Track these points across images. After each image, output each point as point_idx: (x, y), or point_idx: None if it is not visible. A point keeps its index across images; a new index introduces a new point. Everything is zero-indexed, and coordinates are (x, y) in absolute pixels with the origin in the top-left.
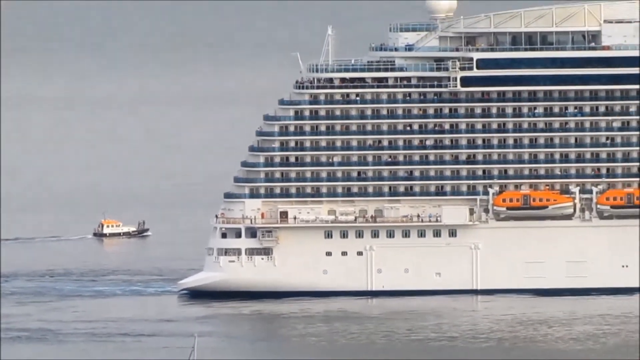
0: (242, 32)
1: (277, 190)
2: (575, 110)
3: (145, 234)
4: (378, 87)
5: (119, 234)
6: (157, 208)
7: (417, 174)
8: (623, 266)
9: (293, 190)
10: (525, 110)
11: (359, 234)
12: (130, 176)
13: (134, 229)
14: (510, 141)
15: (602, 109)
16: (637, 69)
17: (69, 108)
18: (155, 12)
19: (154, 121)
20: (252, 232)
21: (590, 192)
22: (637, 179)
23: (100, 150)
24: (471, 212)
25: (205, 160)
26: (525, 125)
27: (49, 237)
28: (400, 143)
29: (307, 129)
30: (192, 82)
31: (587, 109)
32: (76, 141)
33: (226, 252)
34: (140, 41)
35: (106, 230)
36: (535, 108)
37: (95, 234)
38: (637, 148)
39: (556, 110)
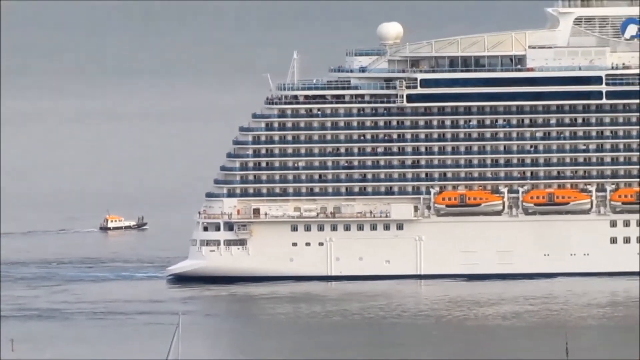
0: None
1: (251, 191)
2: (504, 122)
3: (143, 227)
4: (336, 102)
5: (121, 228)
6: (152, 206)
7: (369, 176)
8: (545, 255)
9: (264, 191)
10: (461, 122)
11: (320, 228)
12: (128, 180)
13: (134, 223)
14: (449, 149)
15: (526, 122)
16: (557, 87)
17: (75, 121)
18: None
19: (146, 133)
20: (229, 226)
21: (517, 192)
22: (557, 181)
23: (101, 158)
24: (415, 209)
25: (190, 166)
26: (462, 135)
27: (60, 230)
28: (355, 150)
29: (276, 138)
30: (177, 101)
31: (514, 122)
32: (80, 150)
33: (207, 243)
34: (133, 67)
35: (110, 225)
36: (470, 121)
37: (101, 228)
38: (557, 154)
39: (487, 122)
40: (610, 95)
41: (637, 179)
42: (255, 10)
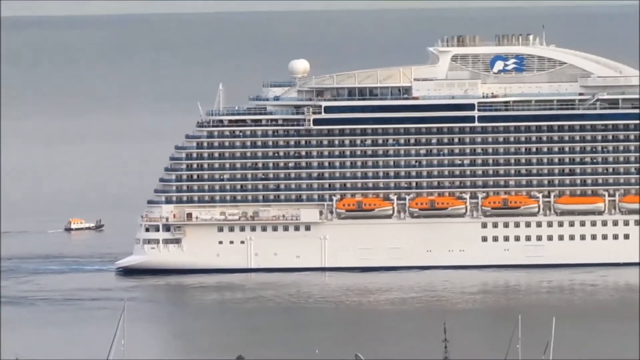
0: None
1: (184, 198)
2: (394, 142)
3: (100, 228)
4: (255, 125)
5: (82, 229)
6: (108, 211)
7: (282, 186)
8: (427, 251)
9: (195, 198)
10: (358, 141)
11: (242, 229)
12: (87, 189)
13: (93, 225)
14: (348, 163)
15: (412, 141)
16: (437, 112)
17: (39, 142)
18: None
19: (100, 151)
20: (167, 227)
21: (404, 199)
22: (437, 189)
23: (63, 171)
24: (320, 213)
25: (135, 178)
26: (358, 152)
27: (32, 231)
28: (270, 164)
29: (205, 155)
30: (124, 124)
31: (401, 141)
32: (45, 164)
33: (149, 241)
34: (91, 94)
35: (73, 226)
36: (365, 140)
37: (65, 229)
38: (437, 167)
39: (380, 141)
40: (481, 119)
41: (504, 188)
42: (189, 50)
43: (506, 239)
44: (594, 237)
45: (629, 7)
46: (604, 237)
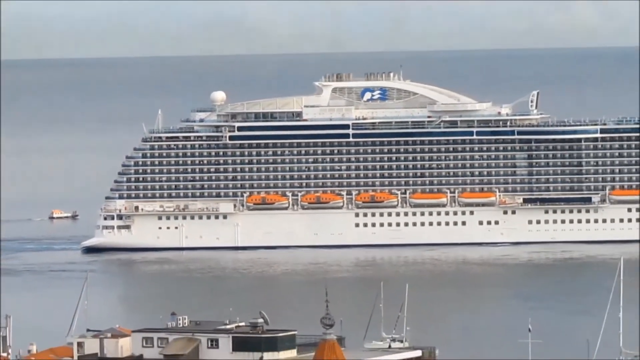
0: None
1: (133, 195)
2: (289, 153)
3: (76, 217)
4: (185, 140)
5: (62, 217)
6: (80, 204)
7: (205, 185)
8: (314, 234)
9: (141, 195)
10: (262, 152)
11: (176, 217)
12: (61, 187)
13: (70, 215)
14: (255, 168)
15: (302, 152)
16: (322, 131)
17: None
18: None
19: (65, 160)
20: (119, 217)
21: (297, 195)
22: (322, 188)
23: (43, 175)
24: (234, 206)
25: (98, 180)
26: (262, 160)
27: (23, 219)
28: (197, 170)
29: (148, 162)
30: (78, 141)
31: (295, 152)
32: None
33: (106, 227)
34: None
35: (55, 215)
36: (268, 151)
37: (49, 217)
38: (322, 172)
39: (279, 152)
40: (354, 136)
41: (371, 187)
42: (132, 85)
43: (373, 225)
44: (439, 223)
45: (465, 52)
46: (447, 223)
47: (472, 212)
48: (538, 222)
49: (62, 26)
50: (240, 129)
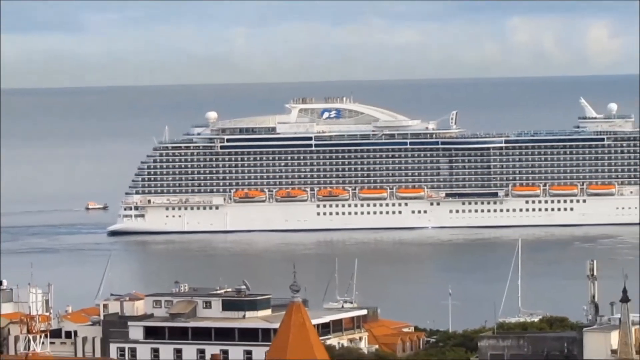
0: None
1: (146, 191)
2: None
3: (107, 208)
4: (186, 149)
5: (95, 208)
6: (108, 198)
7: (202, 184)
8: (285, 220)
9: (152, 191)
10: (246, 158)
11: (179, 208)
12: (95, 186)
13: (102, 206)
14: (240, 171)
15: (277, 158)
16: (292, 142)
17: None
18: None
19: (91, 168)
20: (136, 208)
21: (273, 191)
22: (292, 186)
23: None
24: (224, 199)
25: (120, 180)
26: (246, 164)
27: (64, 209)
28: (195, 172)
29: (158, 166)
30: (103, 151)
31: (271, 158)
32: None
33: (125, 216)
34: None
35: (90, 206)
36: (252, 157)
37: (86, 208)
38: (291, 174)
39: (259, 158)
40: (316, 145)
41: (329, 185)
42: (143, 111)
43: (330, 214)
44: (381, 212)
45: (402, 81)
46: (387, 212)
47: (406, 204)
48: (457, 211)
49: (67, 59)
50: (228, 140)
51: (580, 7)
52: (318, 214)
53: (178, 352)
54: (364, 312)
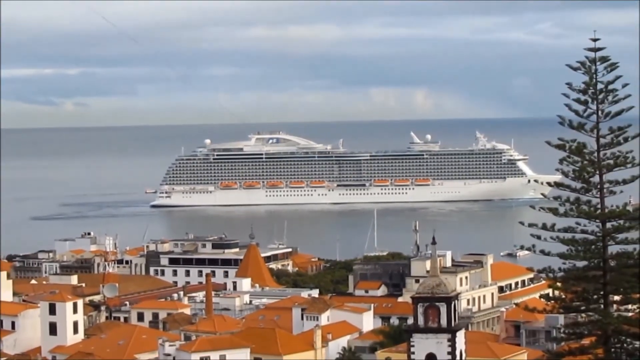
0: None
1: (171, 183)
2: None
3: (156, 192)
4: (193, 160)
5: (150, 193)
6: (152, 187)
7: (203, 180)
8: (248, 200)
9: (175, 183)
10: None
11: (190, 193)
12: (141, 184)
13: (154, 191)
14: (225, 172)
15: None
16: (253, 157)
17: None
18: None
19: (129, 174)
20: (166, 192)
21: (241, 182)
22: (251, 181)
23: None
24: (214, 187)
25: (155, 177)
26: (237, 174)
27: (125, 192)
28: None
29: (178, 170)
30: (139, 163)
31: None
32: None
33: (160, 196)
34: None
35: (147, 191)
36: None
37: (145, 192)
38: (261, 174)
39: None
40: (267, 158)
41: (274, 180)
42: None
43: (273, 196)
44: (301, 195)
45: (312, 123)
46: (304, 194)
47: (315, 190)
48: (343, 195)
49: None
50: (218, 155)
51: None
52: (266, 196)
53: (187, 272)
54: (290, 249)
